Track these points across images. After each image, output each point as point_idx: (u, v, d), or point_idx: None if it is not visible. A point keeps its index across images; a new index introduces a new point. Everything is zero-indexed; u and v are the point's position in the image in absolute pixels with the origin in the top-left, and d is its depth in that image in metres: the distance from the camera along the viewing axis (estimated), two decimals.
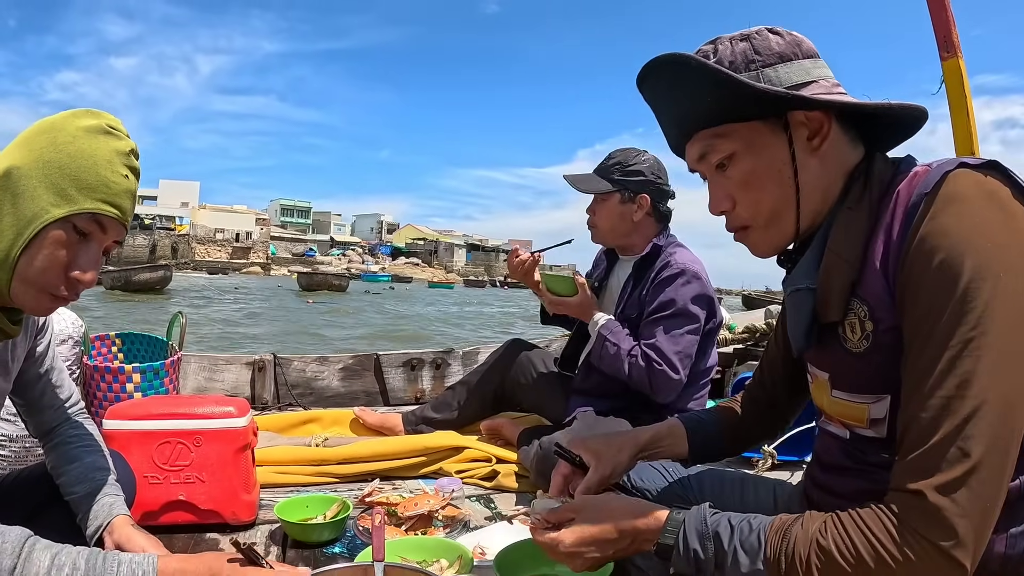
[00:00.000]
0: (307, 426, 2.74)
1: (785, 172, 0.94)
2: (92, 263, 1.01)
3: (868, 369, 0.91)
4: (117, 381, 2.32)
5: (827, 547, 0.79)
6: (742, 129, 0.95)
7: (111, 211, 1.01)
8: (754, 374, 1.35)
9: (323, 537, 1.67)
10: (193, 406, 1.74)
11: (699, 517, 0.91)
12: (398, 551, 1.41)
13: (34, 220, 0.95)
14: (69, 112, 1.04)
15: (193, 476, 1.69)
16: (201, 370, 3.13)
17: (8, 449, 1.86)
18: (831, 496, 1.05)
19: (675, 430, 1.28)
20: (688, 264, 2.17)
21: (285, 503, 1.75)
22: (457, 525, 1.74)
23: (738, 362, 3.29)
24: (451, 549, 1.44)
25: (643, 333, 2.15)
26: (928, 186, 0.82)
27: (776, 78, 0.93)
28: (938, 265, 0.78)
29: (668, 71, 0.95)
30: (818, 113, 0.92)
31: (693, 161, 1.03)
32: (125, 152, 1.04)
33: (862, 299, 0.89)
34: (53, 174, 0.97)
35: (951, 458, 0.74)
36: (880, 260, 0.87)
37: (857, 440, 0.98)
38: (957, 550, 0.73)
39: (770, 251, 1.02)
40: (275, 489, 2.08)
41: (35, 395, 1.30)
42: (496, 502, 2.08)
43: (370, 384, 3.43)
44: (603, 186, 2.26)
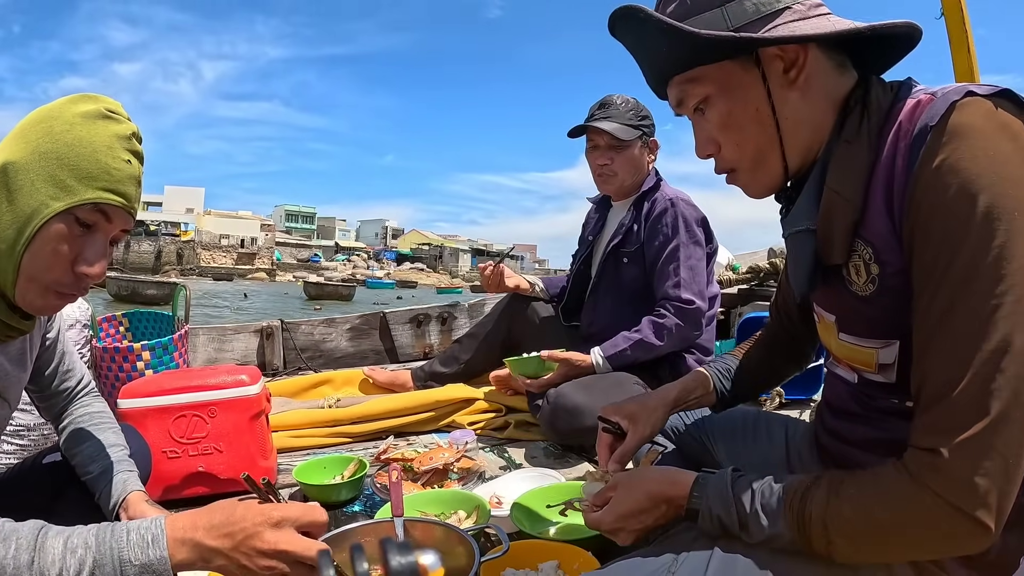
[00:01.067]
0: (319, 388, 2.77)
1: (763, 110, 0.89)
2: (99, 255, 0.98)
3: (875, 313, 0.87)
4: (127, 360, 2.34)
5: (844, 510, 0.78)
6: (714, 71, 0.91)
7: (115, 199, 0.96)
8: (771, 311, 1.35)
9: (342, 497, 1.71)
10: (205, 378, 1.76)
11: (721, 483, 0.91)
12: (416, 505, 1.44)
13: (34, 216, 0.91)
14: (65, 98, 0.99)
15: (211, 447, 1.72)
16: (210, 341, 3.15)
17: (27, 439, 1.89)
18: (840, 442, 1.04)
19: (703, 380, 1.29)
20: (677, 194, 2.25)
21: (303, 466, 1.79)
22: (472, 476, 1.78)
23: (742, 303, 3.30)
24: (468, 500, 1.47)
25: (661, 278, 2.17)
26: (934, 117, 0.76)
27: (742, 11, 0.87)
28: (947, 205, 0.72)
29: (625, 24, 0.92)
30: (792, 45, 0.86)
31: (674, 107, 1.00)
32: (126, 136, 0.99)
33: (866, 240, 0.84)
34: (50, 165, 0.92)
35: (970, 414, 0.70)
36: (883, 198, 0.81)
37: (865, 384, 0.95)
38: (980, 511, 0.70)
39: (763, 192, 0.98)
40: (292, 453, 2.12)
41: (48, 380, 1.30)
42: (509, 451, 2.11)
43: (378, 343, 3.46)
44: (631, 133, 2.25)
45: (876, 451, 0.94)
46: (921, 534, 0.75)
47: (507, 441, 2.22)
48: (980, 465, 0.70)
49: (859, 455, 0.98)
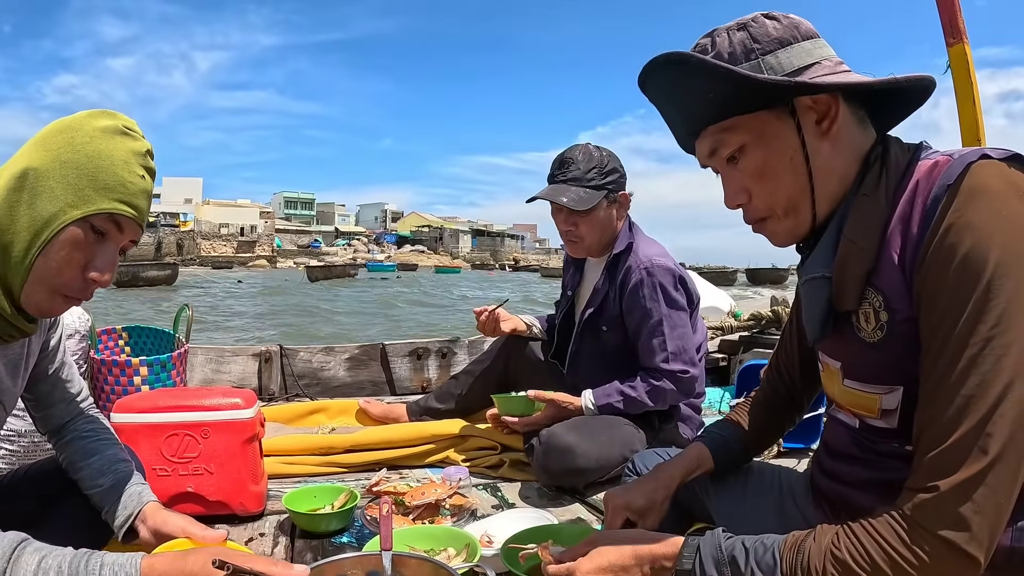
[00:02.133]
0: (314, 416, 2.75)
1: (797, 159, 0.92)
2: (109, 264, 1.02)
3: (881, 359, 0.90)
4: (124, 374, 2.33)
5: (842, 557, 0.80)
6: (749, 121, 0.93)
7: (128, 211, 1.01)
8: (769, 367, 1.35)
9: (331, 527, 1.68)
10: (200, 398, 1.75)
11: (714, 543, 0.90)
12: (406, 540, 1.41)
13: (52, 221, 0.96)
14: (85, 113, 1.05)
15: (201, 468, 1.70)
16: (208, 362, 3.14)
17: (17, 444, 1.87)
18: (838, 483, 1.05)
19: (703, 457, 1.28)
20: (653, 259, 2.12)
21: (293, 493, 1.76)
22: (464, 514, 1.75)
23: (744, 349, 3.29)
24: (458, 537, 1.44)
25: (649, 351, 2.09)
26: (951, 177, 0.80)
27: (777, 64, 0.91)
28: (961, 260, 0.76)
29: (668, 72, 0.93)
30: (824, 96, 0.90)
31: (704, 157, 1.01)
32: (141, 153, 1.05)
33: (877, 288, 0.88)
34: (71, 174, 0.97)
35: (969, 456, 0.74)
36: (898, 251, 0.86)
37: (867, 429, 0.98)
38: (971, 545, 0.73)
39: (790, 240, 1.00)
40: (283, 480, 2.10)
41: (47, 389, 1.30)
42: (503, 490, 2.08)
43: (376, 374, 3.44)
44: (593, 197, 2.11)
45: (873, 491, 0.96)
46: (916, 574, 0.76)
47: (501, 480, 2.19)
48: (975, 502, 0.73)
49: (856, 495, 1.00)
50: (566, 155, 2.18)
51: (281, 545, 1.62)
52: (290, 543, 1.64)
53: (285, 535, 1.68)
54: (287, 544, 1.63)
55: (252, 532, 1.68)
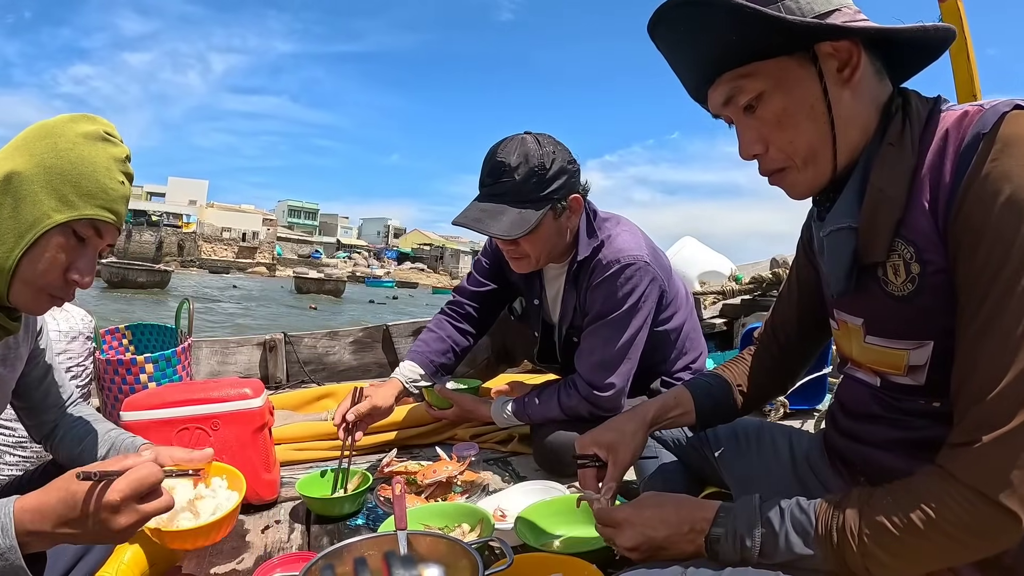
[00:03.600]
0: (321, 401, 2.76)
1: (818, 107, 0.89)
2: (89, 267, 1.06)
3: (911, 313, 0.89)
4: (130, 373, 2.34)
5: (878, 518, 0.79)
6: (769, 66, 0.90)
7: (109, 217, 1.05)
8: (764, 329, 1.33)
9: (345, 510, 1.70)
10: (208, 391, 1.76)
11: (749, 505, 0.91)
12: (420, 519, 1.43)
13: (36, 225, 0.98)
14: (66, 117, 1.07)
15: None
16: (213, 354, 3.15)
17: (30, 450, 1.88)
18: (859, 444, 1.04)
19: (682, 398, 1.26)
20: (623, 252, 1.86)
21: (306, 479, 1.78)
22: (476, 489, 1.77)
23: (746, 313, 3.29)
24: (472, 513, 1.46)
25: (583, 348, 1.93)
26: (985, 126, 0.79)
27: (798, 8, 0.87)
28: (1001, 207, 0.75)
29: (684, 12, 0.89)
30: (846, 43, 0.88)
31: (718, 106, 0.97)
32: (121, 159, 1.07)
33: (907, 240, 0.86)
34: (55, 180, 0.99)
35: (1011, 409, 0.73)
36: (928, 200, 0.84)
37: (890, 387, 0.96)
38: (1011, 500, 0.72)
39: (809, 191, 0.97)
40: (295, 466, 2.12)
41: (40, 396, 1.32)
42: (513, 464, 2.10)
43: (380, 356, 3.45)
44: (532, 217, 1.74)
45: (898, 450, 0.96)
46: (955, 533, 0.75)
47: (511, 454, 2.21)
48: (1017, 456, 0.72)
49: (880, 455, 0.99)
50: (499, 159, 1.75)
51: (297, 531, 1.64)
52: (306, 528, 1.66)
53: (300, 521, 1.70)
54: (303, 530, 1.65)
55: (267, 520, 1.70)
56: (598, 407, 1.91)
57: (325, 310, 27.94)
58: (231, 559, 1.49)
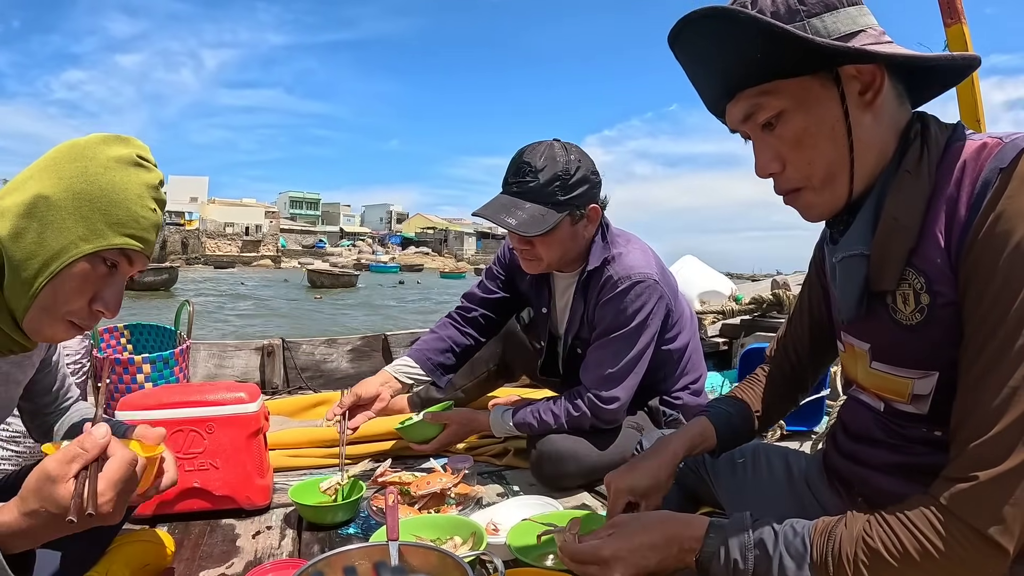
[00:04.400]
0: (317, 409, 2.76)
1: (839, 129, 0.88)
2: (116, 297, 1.02)
3: (919, 343, 0.88)
4: (128, 372, 2.34)
5: (874, 545, 0.79)
6: (791, 85, 0.88)
7: (139, 246, 1.01)
8: (776, 346, 1.33)
9: (337, 519, 1.69)
10: (204, 393, 1.75)
11: (741, 526, 0.90)
12: (412, 530, 1.42)
13: (62, 254, 0.94)
14: (99, 137, 1.02)
15: (207, 463, 1.71)
16: (210, 357, 3.15)
17: (23, 445, 1.87)
18: (858, 466, 1.04)
19: (706, 431, 1.25)
20: (633, 269, 1.90)
21: (299, 486, 1.77)
22: (470, 502, 1.76)
23: (745, 333, 3.29)
24: (464, 526, 1.45)
25: (590, 360, 1.95)
26: (1004, 161, 0.78)
27: (823, 28, 0.85)
28: (1013, 248, 0.75)
29: (708, 26, 0.87)
30: (870, 66, 0.86)
31: (736, 122, 0.96)
32: (154, 185, 1.04)
33: (919, 270, 0.86)
34: (83, 207, 0.95)
35: (1009, 449, 0.73)
36: (943, 232, 0.83)
37: (893, 413, 0.96)
38: (1003, 537, 0.73)
39: (824, 214, 0.96)
40: (288, 473, 2.11)
41: (48, 400, 1.32)
42: (508, 478, 2.09)
43: (379, 364, 3.43)
44: (552, 218, 1.80)
45: (897, 474, 0.95)
46: (948, 566, 0.76)
47: (505, 468, 2.20)
48: (1011, 494, 0.73)
49: (879, 478, 0.98)
50: (525, 158, 1.83)
51: (288, 537, 1.63)
52: (297, 535, 1.65)
53: (292, 528, 1.69)
54: (294, 536, 1.64)
55: (259, 525, 1.69)
56: (600, 419, 1.93)
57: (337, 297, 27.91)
58: (221, 563, 1.48)
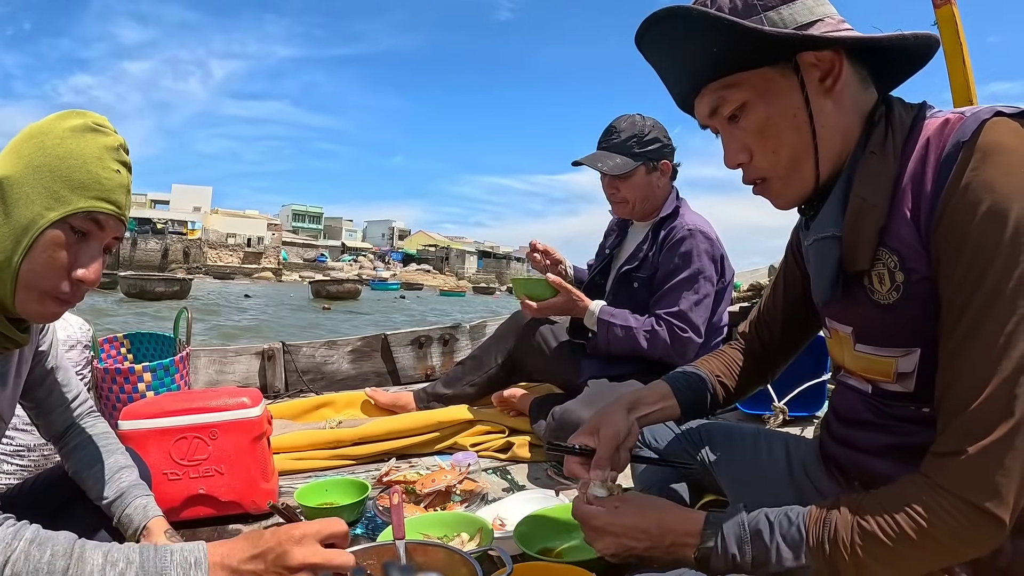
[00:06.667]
0: (320, 411, 2.76)
1: (800, 117, 0.90)
2: (93, 260, 1.01)
3: (898, 321, 0.89)
4: (128, 382, 2.34)
5: (869, 528, 0.79)
6: (752, 77, 0.91)
7: (106, 207, 1.00)
8: (748, 326, 1.34)
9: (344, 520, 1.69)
10: (206, 400, 1.76)
11: (737, 519, 0.90)
12: (419, 528, 1.43)
13: (31, 226, 0.95)
14: (54, 115, 1.03)
15: (212, 469, 1.71)
16: (211, 363, 3.15)
17: (27, 459, 1.87)
18: (852, 450, 1.04)
19: (661, 390, 1.25)
20: (698, 225, 2.20)
21: (304, 489, 1.77)
22: (475, 498, 1.76)
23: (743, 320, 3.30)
24: (471, 522, 1.46)
25: (663, 300, 2.17)
26: (965, 134, 0.79)
27: (780, 20, 0.88)
28: (981, 218, 0.75)
29: (668, 25, 0.90)
30: (828, 52, 0.88)
31: (704, 117, 0.98)
32: (114, 147, 1.02)
33: (891, 248, 0.87)
34: (44, 178, 0.96)
35: (995, 418, 0.73)
36: (910, 208, 0.84)
37: (881, 394, 0.96)
38: (998, 507, 0.73)
39: (792, 201, 0.98)
40: (293, 476, 2.11)
41: (43, 394, 1.30)
42: (512, 473, 2.10)
43: (380, 365, 3.45)
44: (630, 164, 2.24)
45: (890, 456, 0.96)
46: (946, 541, 0.76)
47: (510, 462, 2.21)
48: (1001, 464, 0.73)
49: (873, 461, 0.99)
50: (613, 124, 2.31)
51: None
52: None
53: None
54: None
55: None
56: (676, 345, 2.13)
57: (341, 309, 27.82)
58: None
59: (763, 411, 2.37)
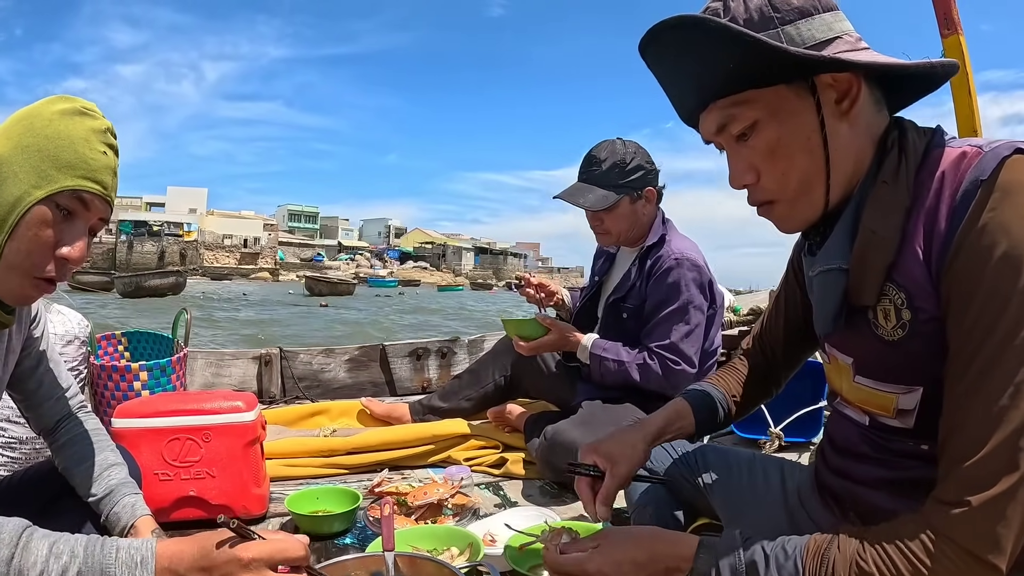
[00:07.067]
0: (315, 418, 2.75)
1: (814, 140, 0.86)
2: (78, 239, 1.02)
3: (902, 359, 0.86)
4: (124, 380, 2.33)
5: (868, 569, 0.77)
6: (765, 95, 0.86)
7: (92, 186, 1.01)
8: (751, 340, 1.33)
9: (334, 528, 1.68)
10: (201, 402, 1.75)
11: (732, 547, 0.87)
12: (408, 540, 1.41)
13: (17, 204, 0.96)
14: (44, 100, 1.05)
15: (203, 472, 1.70)
16: (208, 366, 3.14)
17: (19, 451, 1.87)
18: (848, 481, 1.02)
19: (682, 411, 1.24)
20: (684, 252, 2.16)
21: (295, 496, 1.76)
22: (467, 513, 1.75)
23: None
24: (461, 537, 1.44)
25: (654, 333, 2.14)
26: (983, 172, 0.76)
27: (798, 36, 0.84)
28: (997, 263, 0.73)
29: (680, 35, 0.85)
30: (847, 74, 0.84)
31: (709, 133, 0.94)
32: (101, 130, 1.04)
33: (899, 285, 0.84)
34: (32, 158, 0.97)
35: (1000, 470, 0.72)
36: (922, 245, 0.81)
37: (878, 427, 0.94)
38: (997, 557, 0.72)
39: (798, 225, 0.95)
40: (285, 482, 2.10)
41: (33, 386, 1.30)
42: (505, 489, 2.09)
43: (376, 375, 3.44)
44: (612, 197, 2.17)
45: (887, 489, 0.94)
46: None
47: (503, 478, 2.19)
48: (1004, 516, 0.72)
49: (869, 494, 0.97)
50: (592, 153, 2.24)
51: None
52: None
53: None
54: None
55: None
56: (669, 377, 2.09)
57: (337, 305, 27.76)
58: None
59: (759, 436, 2.36)
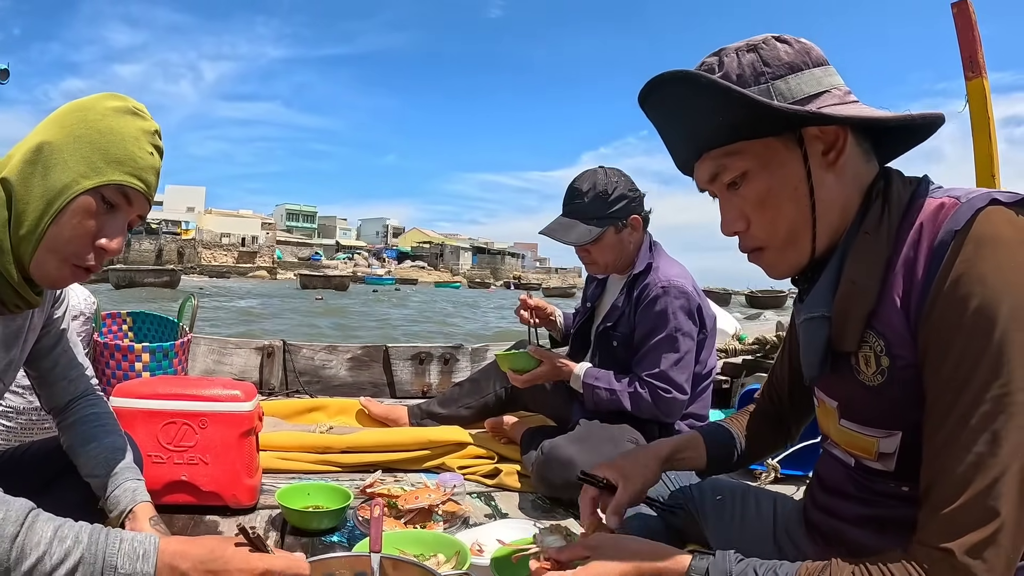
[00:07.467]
0: (312, 414, 2.75)
1: (801, 190, 0.90)
2: (118, 233, 1.06)
3: (881, 404, 0.89)
4: (126, 359, 2.33)
5: None
6: (755, 146, 0.91)
7: (137, 184, 1.05)
8: (762, 388, 1.34)
9: (323, 525, 1.67)
10: (200, 388, 1.75)
11: (724, 567, 0.88)
12: (396, 544, 1.41)
13: (65, 191, 0.99)
14: (98, 95, 1.09)
15: (196, 458, 1.70)
16: (210, 353, 3.15)
17: (15, 421, 1.87)
18: (833, 519, 1.04)
19: (695, 442, 1.26)
20: (671, 278, 2.14)
21: (286, 489, 1.75)
22: (456, 521, 1.74)
23: (746, 373, 3.27)
24: (449, 544, 1.43)
25: (643, 362, 2.12)
26: (958, 223, 0.78)
27: (787, 90, 0.88)
28: (972, 313, 0.75)
29: (674, 89, 0.90)
30: (833, 126, 0.88)
31: (703, 181, 0.98)
32: (150, 131, 1.09)
33: (878, 332, 0.86)
34: (84, 148, 1.01)
35: (981, 517, 0.73)
36: (900, 295, 0.84)
37: (863, 469, 0.96)
38: None
39: (787, 272, 0.98)
40: (277, 475, 2.09)
41: (48, 365, 1.30)
42: (497, 500, 2.07)
43: (377, 375, 3.43)
44: (596, 230, 2.15)
45: (870, 527, 0.95)
46: None
47: (496, 489, 2.18)
48: (987, 560, 0.73)
49: (851, 531, 0.99)
50: (575, 185, 2.21)
51: (271, 540, 1.61)
52: (280, 539, 1.63)
53: (276, 530, 1.67)
54: (277, 540, 1.62)
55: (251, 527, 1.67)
56: (660, 406, 2.08)
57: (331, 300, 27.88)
58: None
59: (756, 466, 2.34)
